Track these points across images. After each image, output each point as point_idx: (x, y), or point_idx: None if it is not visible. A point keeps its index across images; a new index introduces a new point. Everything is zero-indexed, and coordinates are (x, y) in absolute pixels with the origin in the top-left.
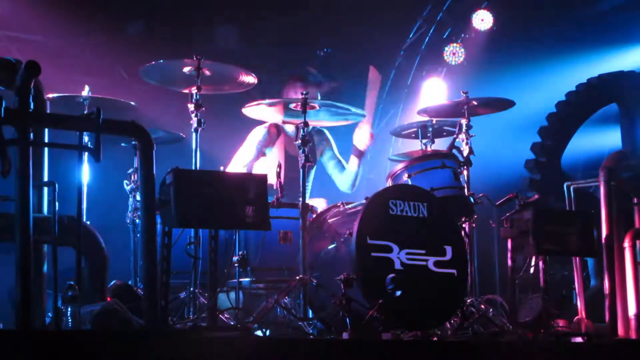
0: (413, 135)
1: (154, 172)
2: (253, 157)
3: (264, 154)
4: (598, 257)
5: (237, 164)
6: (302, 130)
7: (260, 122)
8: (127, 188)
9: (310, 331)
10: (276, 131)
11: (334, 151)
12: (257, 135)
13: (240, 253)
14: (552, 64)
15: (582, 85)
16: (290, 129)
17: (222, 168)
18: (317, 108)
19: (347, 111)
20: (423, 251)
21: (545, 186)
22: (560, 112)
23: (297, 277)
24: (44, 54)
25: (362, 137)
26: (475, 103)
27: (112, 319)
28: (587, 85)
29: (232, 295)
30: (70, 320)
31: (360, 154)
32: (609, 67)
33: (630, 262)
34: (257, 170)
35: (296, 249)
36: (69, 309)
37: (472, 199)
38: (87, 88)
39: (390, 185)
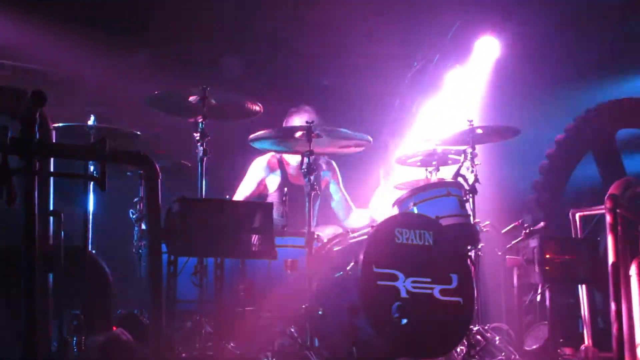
0: (418, 163)
1: (160, 201)
2: (254, 190)
3: (265, 185)
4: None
5: (239, 198)
6: (307, 159)
7: (265, 152)
8: (133, 217)
9: None
10: (277, 161)
11: (339, 185)
12: (257, 167)
13: (246, 281)
14: (558, 90)
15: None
16: (291, 157)
17: (227, 197)
18: (323, 137)
19: (352, 139)
20: (429, 279)
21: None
22: (567, 137)
23: (303, 306)
24: (49, 84)
25: (380, 213)
26: (480, 131)
27: (117, 348)
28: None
29: None
30: (75, 350)
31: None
32: (613, 93)
33: (637, 290)
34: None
35: (302, 278)
36: (75, 339)
37: (477, 227)
38: (92, 117)
39: (396, 213)
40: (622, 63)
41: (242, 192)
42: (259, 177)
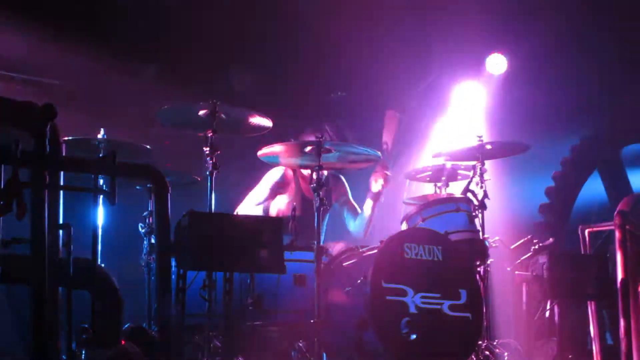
0: (427, 178)
1: (169, 215)
2: (266, 198)
3: (278, 195)
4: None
5: (249, 203)
6: (317, 174)
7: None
8: (142, 231)
9: None
10: (293, 173)
11: (349, 197)
12: (273, 176)
13: (254, 296)
14: (567, 106)
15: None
16: (307, 171)
17: (237, 211)
18: (333, 151)
19: (361, 154)
20: (438, 295)
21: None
22: (574, 157)
23: (312, 320)
24: (60, 97)
25: (377, 179)
26: (489, 147)
27: None
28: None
29: None
30: None
31: (375, 197)
32: (620, 111)
33: None
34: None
35: (311, 292)
36: (83, 352)
37: (486, 243)
38: (102, 131)
39: (405, 228)
40: (630, 81)
41: (253, 199)
42: (274, 186)
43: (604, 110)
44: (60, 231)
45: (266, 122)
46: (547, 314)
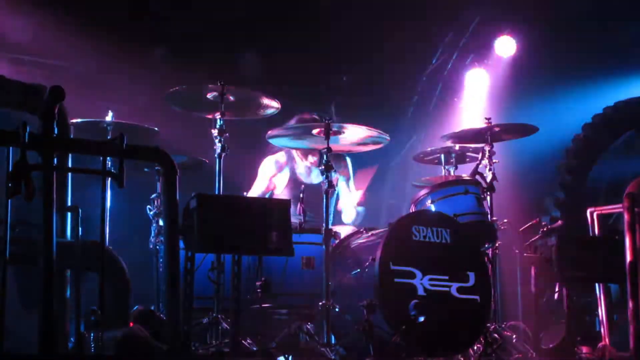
0: (436, 161)
1: (177, 198)
2: (266, 188)
3: (274, 185)
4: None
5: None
6: (325, 156)
7: (280, 150)
8: (150, 213)
9: (333, 357)
10: (286, 159)
11: (347, 182)
12: (266, 167)
13: (263, 278)
14: (576, 89)
15: (608, 108)
16: (299, 156)
17: (245, 194)
18: (340, 134)
19: (369, 136)
20: (446, 277)
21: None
22: (587, 135)
23: (320, 303)
24: (68, 80)
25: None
26: (498, 129)
27: (134, 344)
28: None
29: None
30: (92, 346)
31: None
32: (630, 92)
33: None
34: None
35: (319, 275)
36: (92, 334)
37: (495, 225)
38: (110, 113)
39: (413, 211)
40: None
41: (255, 191)
42: (269, 175)
43: (614, 92)
44: (69, 213)
45: (274, 105)
46: (556, 296)
